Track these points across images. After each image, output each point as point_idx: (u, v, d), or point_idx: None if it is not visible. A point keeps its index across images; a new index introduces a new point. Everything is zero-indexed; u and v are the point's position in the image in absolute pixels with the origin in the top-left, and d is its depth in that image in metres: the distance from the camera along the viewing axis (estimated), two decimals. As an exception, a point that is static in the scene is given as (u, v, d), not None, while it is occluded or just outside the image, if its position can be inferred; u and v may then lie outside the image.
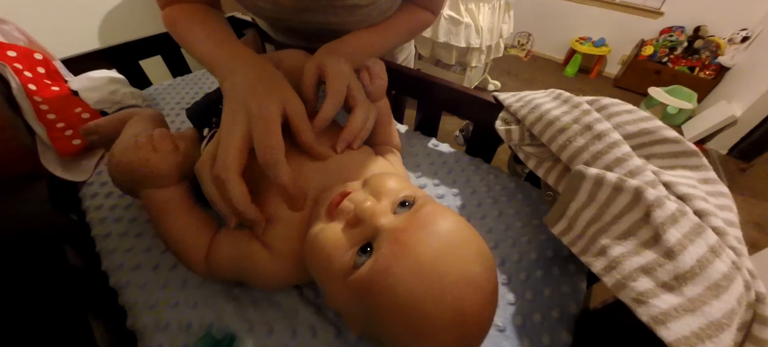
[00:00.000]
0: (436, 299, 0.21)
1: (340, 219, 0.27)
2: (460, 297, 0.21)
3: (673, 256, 0.23)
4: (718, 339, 0.20)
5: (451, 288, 0.21)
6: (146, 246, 0.38)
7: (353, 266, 0.24)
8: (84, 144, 0.48)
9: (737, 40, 2.14)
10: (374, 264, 0.22)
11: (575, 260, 0.35)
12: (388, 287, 0.21)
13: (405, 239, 0.22)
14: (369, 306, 0.23)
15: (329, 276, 0.25)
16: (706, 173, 0.31)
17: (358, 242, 0.24)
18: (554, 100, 0.40)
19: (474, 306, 0.22)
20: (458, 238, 0.24)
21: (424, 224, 0.23)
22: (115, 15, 1.12)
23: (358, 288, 0.23)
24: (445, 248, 0.22)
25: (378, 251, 0.23)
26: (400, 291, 0.21)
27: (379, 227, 0.24)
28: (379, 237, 0.24)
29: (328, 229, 0.26)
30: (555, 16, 2.85)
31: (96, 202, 0.44)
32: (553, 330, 0.31)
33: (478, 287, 0.22)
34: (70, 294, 0.35)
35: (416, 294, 0.21)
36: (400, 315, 0.21)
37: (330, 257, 0.25)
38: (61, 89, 0.50)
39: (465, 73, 2.06)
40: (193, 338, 0.30)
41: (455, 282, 0.21)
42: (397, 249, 0.22)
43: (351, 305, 0.25)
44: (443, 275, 0.21)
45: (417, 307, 0.21)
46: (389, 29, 0.49)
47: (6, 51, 0.46)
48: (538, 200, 0.44)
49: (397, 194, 0.27)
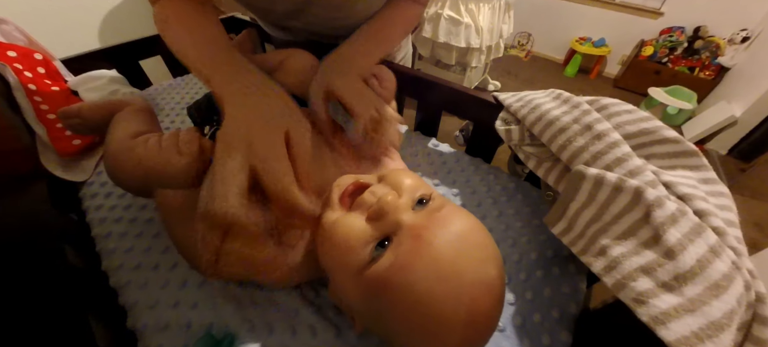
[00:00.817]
0: (453, 298, 0.21)
1: (360, 211, 0.26)
2: (476, 297, 0.21)
3: (673, 256, 0.23)
4: (718, 339, 0.20)
5: (469, 288, 0.21)
6: (146, 246, 0.38)
7: (371, 258, 0.24)
8: (84, 144, 0.48)
9: (737, 41, 2.14)
10: (395, 260, 0.22)
11: (575, 260, 0.35)
12: (408, 283, 0.21)
13: (426, 237, 0.23)
14: (382, 302, 0.23)
15: (344, 269, 0.25)
16: (706, 173, 0.31)
17: (377, 237, 0.24)
18: (554, 100, 0.40)
19: (487, 307, 0.22)
20: (476, 240, 0.24)
21: (444, 223, 0.24)
22: (115, 15, 1.12)
23: (374, 283, 0.23)
24: (465, 249, 0.23)
25: (399, 247, 0.23)
26: (420, 288, 0.21)
27: (400, 223, 0.24)
28: (399, 233, 0.24)
29: (347, 220, 0.26)
30: (555, 16, 2.85)
31: (96, 202, 0.44)
32: (553, 330, 0.31)
33: (492, 289, 0.22)
34: (70, 294, 0.35)
35: (435, 292, 0.21)
36: (416, 312, 0.21)
37: (349, 250, 0.24)
38: (61, 88, 0.50)
39: (465, 74, 2.06)
40: (193, 338, 0.30)
41: (472, 283, 0.22)
42: (419, 246, 0.22)
43: (362, 299, 0.24)
44: (462, 274, 0.21)
45: (434, 305, 0.21)
46: (382, 31, 0.48)
47: (6, 51, 0.46)
48: (538, 200, 0.44)
49: (415, 191, 0.27)
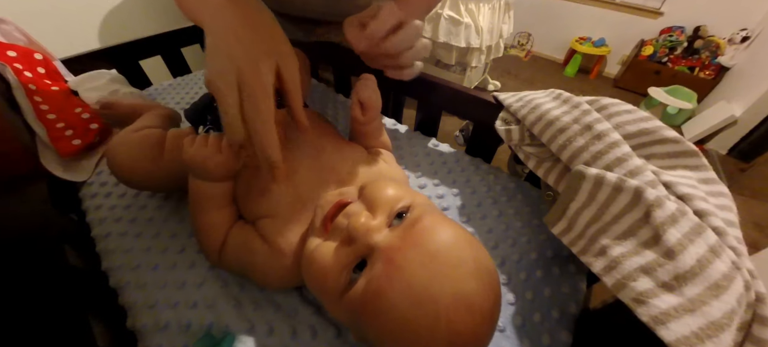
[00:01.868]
0: (430, 323, 0.20)
1: (335, 237, 0.26)
2: (455, 320, 0.20)
3: (673, 256, 0.23)
4: (718, 339, 0.20)
5: (446, 312, 0.20)
6: (146, 247, 0.38)
7: (349, 282, 0.24)
8: (84, 144, 0.48)
9: (737, 41, 2.13)
10: (367, 285, 0.22)
11: (575, 260, 0.35)
12: (382, 310, 0.21)
13: (399, 261, 0.22)
14: (362, 324, 0.23)
15: (325, 294, 0.25)
16: (706, 173, 0.31)
17: (352, 261, 0.24)
18: (554, 100, 0.40)
19: (469, 327, 0.21)
20: (454, 256, 0.22)
21: (418, 242, 0.23)
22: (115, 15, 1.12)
23: (353, 307, 0.23)
24: (440, 269, 0.21)
25: (371, 271, 0.23)
26: (394, 315, 0.21)
27: (372, 246, 0.23)
28: (373, 255, 0.23)
29: (324, 247, 0.26)
30: (555, 16, 2.85)
31: (96, 202, 0.44)
32: (553, 330, 0.31)
33: (474, 307, 0.21)
34: (71, 294, 0.35)
35: (409, 318, 0.20)
36: (394, 336, 0.21)
37: (325, 276, 0.25)
38: (61, 88, 0.50)
39: (465, 73, 2.06)
40: (192, 338, 0.30)
41: (449, 306, 0.20)
42: (391, 271, 0.22)
43: (346, 320, 0.25)
44: (437, 298, 0.20)
45: (410, 331, 0.20)
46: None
47: (6, 51, 0.46)
48: (538, 200, 0.44)
49: (393, 204, 0.26)
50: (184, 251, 0.38)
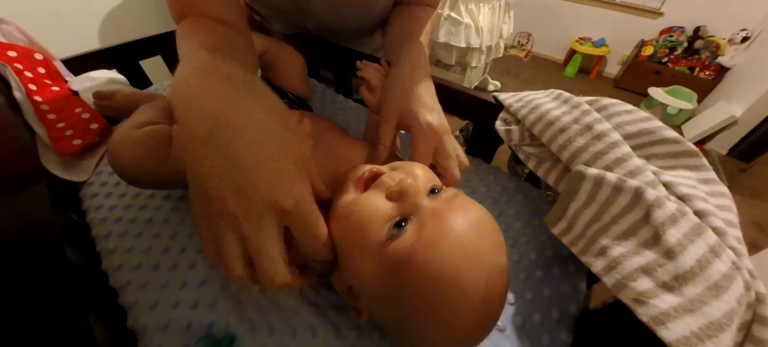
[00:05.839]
0: (475, 277, 0.22)
1: (378, 191, 0.27)
2: (493, 280, 0.23)
3: (673, 256, 0.23)
4: (718, 339, 0.21)
5: (489, 271, 0.22)
6: (146, 246, 0.38)
7: (389, 237, 0.24)
8: (84, 144, 0.48)
9: (737, 41, 2.14)
10: (419, 237, 0.23)
11: (575, 260, 0.35)
12: (433, 260, 0.22)
13: (449, 220, 0.23)
14: (401, 279, 0.23)
15: (362, 246, 0.25)
16: (706, 174, 0.31)
17: (396, 216, 0.25)
18: (554, 100, 0.40)
19: (500, 291, 0.23)
20: (492, 228, 0.25)
21: (462, 210, 0.25)
22: (115, 15, 1.12)
23: (395, 260, 0.23)
24: (484, 234, 0.24)
25: (422, 226, 0.23)
26: (444, 264, 0.22)
27: (419, 205, 0.25)
28: (419, 214, 0.24)
29: (367, 198, 0.26)
30: (555, 16, 2.85)
31: (96, 202, 0.44)
32: (553, 330, 0.31)
33: (504, 275, 0.24)
34: (71, 294, 0.35)
35: (460, 269, 0.22)
36: (437, 289, 0.22)
37: (369, 225, 0.24)
38: (61, 89, 0.50)
39: (465, 74, 2.06)
40: (193, 338, 0.30)
41: (491, 265, 0.23)
42: (443, 226, 0.23)
43: (378, 277, 0.24)
44: (483, 256, 0.23)
45: (458, 282, 0.21)
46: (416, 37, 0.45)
47: (6, 51, 0.46)
48: (538, 200, 0.44)
49: (428, 181, 0.28)
50: (184, 251, 0.38)
